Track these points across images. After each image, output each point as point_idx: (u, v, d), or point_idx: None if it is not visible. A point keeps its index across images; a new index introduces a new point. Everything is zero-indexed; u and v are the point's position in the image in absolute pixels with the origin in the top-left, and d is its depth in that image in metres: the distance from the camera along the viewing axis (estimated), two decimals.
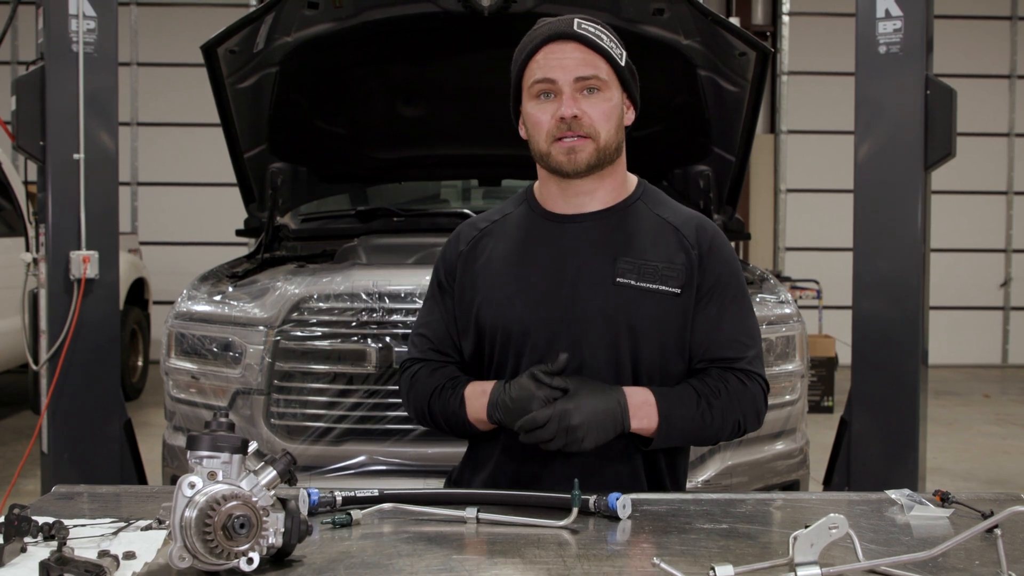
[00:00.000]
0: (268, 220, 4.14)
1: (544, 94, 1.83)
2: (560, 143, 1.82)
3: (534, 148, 1.88)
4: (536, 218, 1.94)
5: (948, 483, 5.41)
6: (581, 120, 1.81)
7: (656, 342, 1.86)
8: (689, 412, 1.82)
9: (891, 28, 3.57)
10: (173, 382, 3.40)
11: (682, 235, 1.90)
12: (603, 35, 1.86)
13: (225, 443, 1.32)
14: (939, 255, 8.76)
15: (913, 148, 3.59)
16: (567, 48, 1.82)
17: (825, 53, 10.47)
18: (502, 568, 1.37)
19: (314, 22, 3.58)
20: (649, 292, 1.84)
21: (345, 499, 1.64)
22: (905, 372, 3.62)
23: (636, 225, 1.90)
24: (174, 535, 1.28)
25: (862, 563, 1.33)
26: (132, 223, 10.49)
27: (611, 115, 1.84)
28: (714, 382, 1.86)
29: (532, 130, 1.86)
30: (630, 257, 1.86)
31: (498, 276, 1.91)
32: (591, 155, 1.83)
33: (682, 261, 1.87)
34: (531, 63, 1.84)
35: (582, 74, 1.81)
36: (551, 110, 1.82)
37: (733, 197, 4.19)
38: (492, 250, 1.94)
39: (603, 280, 1.85)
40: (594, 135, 1.82)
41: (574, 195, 1.90)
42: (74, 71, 3.66)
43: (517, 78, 1.88)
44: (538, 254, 1.90)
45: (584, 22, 1.86)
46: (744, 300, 1.93)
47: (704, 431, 1.86)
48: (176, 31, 10.29)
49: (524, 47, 1.87)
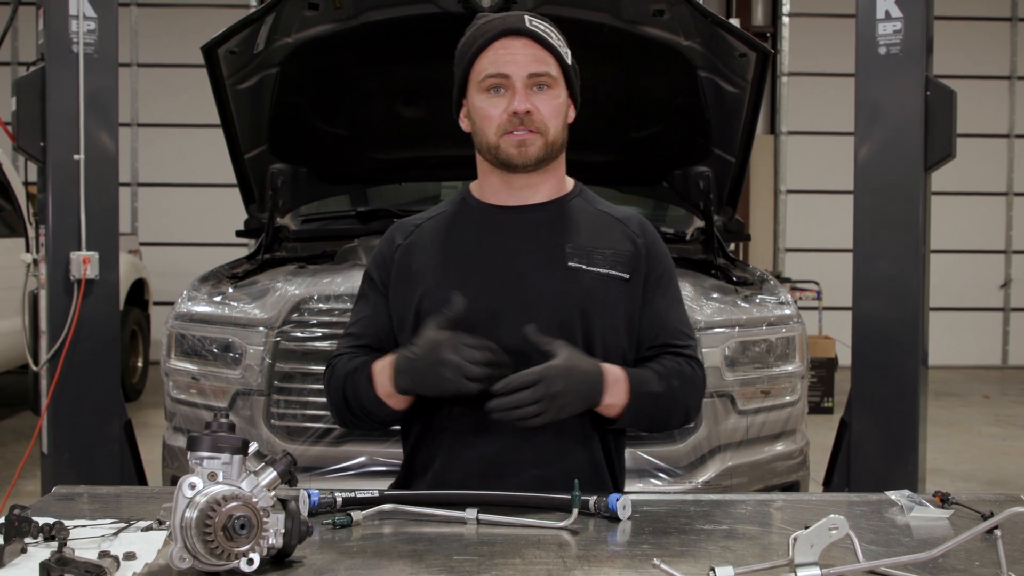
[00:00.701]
0: (268, 221, 4.14)
1: (495, 88, 1.84)
2: (511, 136, 1.83)
3: (481, 141, 1.88)
4: (477, 211, 1.94)
5: (948, 484, 5.40)
6: (533, 116, 1.82)
7: (607, 326, 1.87)
8: (654, 392, 1.84)
9: (891, 29, 3.57)
10: (173, 383, 3.41)
11: (627, 227, 1.95)
12: (552, 33, 1.88)
13: (225, 444, 1.32)
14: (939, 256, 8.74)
15: (913, 149, 3.59)
16: (519, 44, 1.83)
17: (825, 54, 10.47)
18: (502, 569, 1.37)
19: (314, 23, 3.58)
20: (600, 276, 1.87)
21: (345, 500, 1.64)
22: (905, 373, 3.62)
23: (580, 216, 1.94)
24: (174, 536, 1.28)
25: (862, 564, 1.33)
26: (132, 224, 10.50)
27: (559, 112, 1.87)
28: (672, 364, 1.89)
29: (481, 123, 1.86)
30: (578, 244, 1.88)
31: (440, 268, 1.89)
32: (540, 149, 1.84)
33: (629, 249, 1.91)
34: (482, 57, 1.85)
35: (535, 70, 1.83)
36: (502, 104, 1.83)
37: (733, 198, 4.19)
38: (431, 244, 1.92)
39: (554, 265, 1.86)
40: (544, 131, 1.84)
41: (518, 188, 1.91)
42: (74, 72, 3.66)
43: (465, 71, 1.88)
44: (482, 243, 1.90)
45: (535, 19, 1.87)
46: (680, 295, 2.00)
47: (663, 413, 1.88)
48: (176, 32, 10.29)
49: (473, 40, 1.87)
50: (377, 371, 1.82)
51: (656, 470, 3.13)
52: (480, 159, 1.93)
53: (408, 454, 1.96)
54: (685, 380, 1.89)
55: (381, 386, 1.81)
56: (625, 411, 1.81)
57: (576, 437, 1.86)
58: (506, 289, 1.84)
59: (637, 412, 1.83)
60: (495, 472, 1.81)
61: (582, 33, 3.63)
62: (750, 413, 3.28)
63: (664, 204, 4.54)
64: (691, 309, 3.24)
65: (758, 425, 3.29)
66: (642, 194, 4.53)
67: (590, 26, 3.58)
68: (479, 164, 1.95)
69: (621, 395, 1.80)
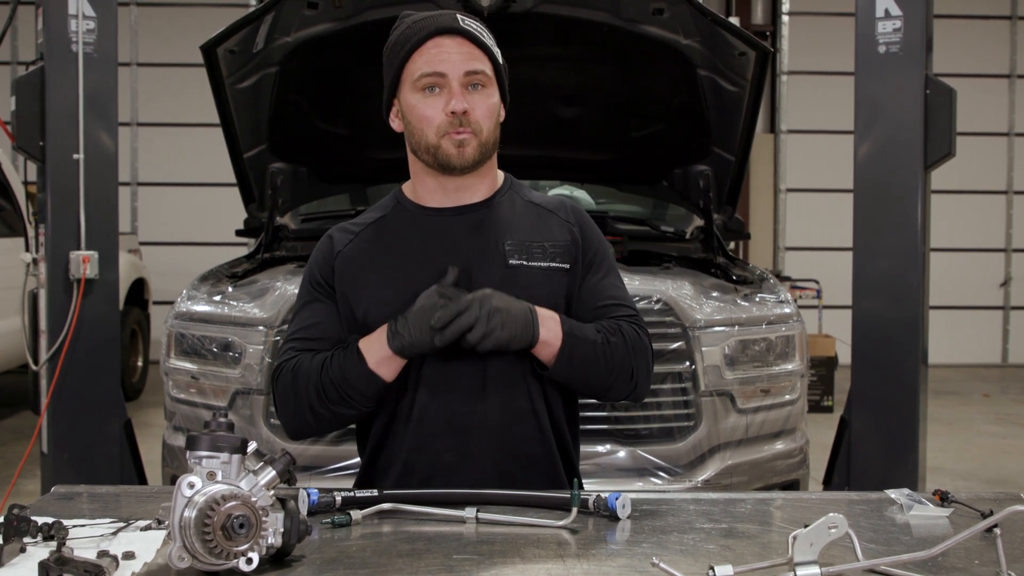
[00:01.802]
0: (268, 220, 4.14)
1: (430, 88, 1.82)
2: (451, 136, 1.82)
3: (419, 141, 1.85)
4: (414, 214, 1.93)
5: (948, 482, 5.41)
6: (469, 115, 1.81)
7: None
8: (590, 338, 1.83)
9: (891, 28, 3.57)
10: (173, 382, 3.41)
11: (558, 216, 1.96)
12: (484, 32, 1.87)
13: (224, 443, 1.32)
14: (939, 255, 8.75)
15: (913, 148, 3.59)
16: (454, 43, 1.82)
17: (825, 53, 10.47)
18: (501, 568, 1.37)
19: (314, 22, 3.58)
20: (541, 270, 1.88)
21: (345, 499, 1.64)
22: (905, 372, 3.62)
23: (514, 212, 1.94)
24: (173, 535, 1.28)
25: (861, 563, 1.33)
26: (132, 223, 10.50)
27: (493, 112, 1.86)
28: (610, 324, 1.88)
29: (418, 123, 1.84)
30: (517, 240, 1.89)
31: (384, 274, 1.89)
32: (475, 150, 1.83)
33: (566, 239, 1.92)
34: (416, 56, 1.83)
35: (470, 68, 1.82)
36: (439, 104, 1.81)
37: (733, 197, 4.19)
38: (372, 251, 1.92)
39: (496, 264, 1.86)
40: (478, 131, 1.83)
41: (454, 190, 1.90)
42: (74, 71, 3.66)
43: (397, 70, 1.86)
44: (424, 248, 1.89)
45: (466, 18, 1.86)
46: (616, 269, 2.00)
47: (602, 368, 1.84)
48: (176, 31, 10.29)
49: (406, 39, 1.84)
50: (365, 345, 1.82)
51: (656, 469, 3.13)
52: (413, 160, 1.92)
53: (369, 457, 1.96)
54: (625, 339, 1.87)
55: (372, 355, 1.80)
56: (560, 354, 1.80)
57: (532, 429, 1.88)
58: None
59: (572, 359, 1.81)
60: (457, 467, 1.83)
61: (582, 32, 3.66)
62: (750, 412, 3.28)
63: (664, 203, 4.54)
64: (691, 308, 3.24)
65: (758, 424, 3.29)
66: (642, 193, 4.53)
67: (590, 25, 3.58)
68: (412, 165, 1.93)
69: (555, 334, 1.80)
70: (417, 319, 1.74)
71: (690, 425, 3.19)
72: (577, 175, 4.42)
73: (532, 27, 3.49)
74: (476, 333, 1.70)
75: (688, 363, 3.20)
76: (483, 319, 1.70)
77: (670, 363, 3.19)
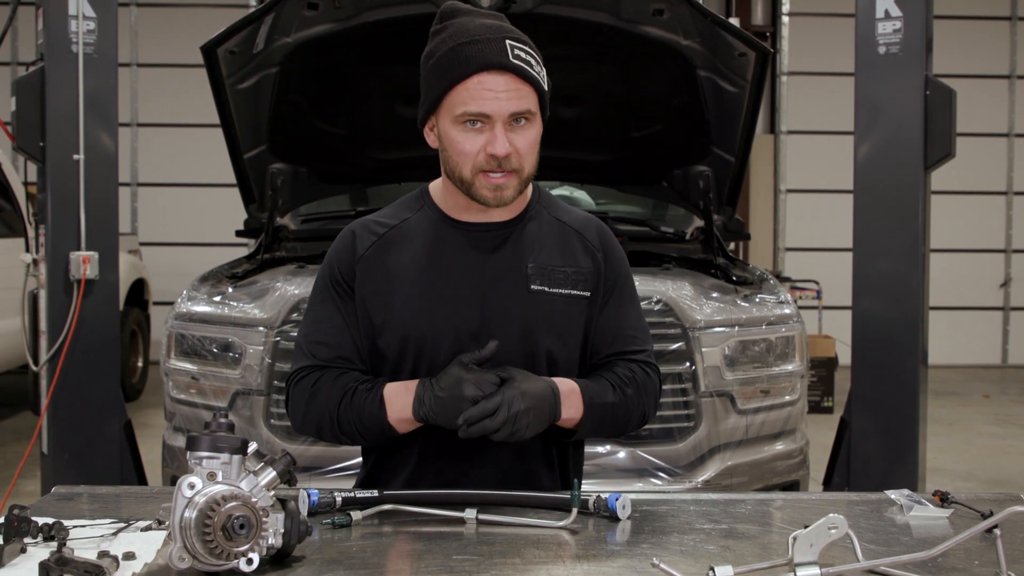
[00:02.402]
0: (268, 221, 4.14)
1: (471, 122, 1.75)
2: (487, 177, 1.76)
3: (453, 171, 1.80)
4: (442, 225, 1.89)
5: (948, 483, 5.40)
6: (511, 157, 1.76)
7: (570, 345, 1.88)
8: (608, 401, 1.85)
9: (891, 28, 3.57)
10: (173, 383, 3.41)
11: (585, 239, 1.93)
12: (532, 59, 1.79)
13: (225, 444, 1.32)
14: (939, 255, 8.75)
15: (913, 148, 3.59)
16: (502, 81, 1.73)
17: (825, 53, 10.47)
18: (502, 569, 1.37)
19: (314, 23, 3.58)
20: (561, 297, 1.86)
21: (345, 500, 1.64)
22: (905, 372, 3.62)
23: (540, 232, 1.91)
24: (174, 535, 1.28)
25: (861, 563, 1.33)
26: (132, 224, 10.50)
27: (535, 145, 1.81)
28: (624, 372, 1.90)
29: (455, 156, 1.78)
30: (540, 264, 1.87)
31: (409, 283, 1.85)
32: (515, 190, 1.79)
33: (589, 266, 1.90)
34: (460, 88, 1.74)
35: (516, 110, 1.75)
36: (480, 142, 1.75)
37: (733, 197, 4.19)
38: (398, 256, 1.87)
39: (517, 287, 1.85)
40: (519, 169, 1.78)
41: (483, 209, 1.86)
42: (74, 72, 3.66)
43: (439, 95, 1.78)
44: (449, 262, 1.86)
45: (516, 46, 1.77)
46: (636, 297, 2.00)
47: (619, 420, 1.89)
48: (176, 32, 10.29)
49: (450, 67, 1.74)
50: (390, 395, 1.80)
51: (656, 469, 3.13)
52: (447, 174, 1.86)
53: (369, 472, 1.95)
54: (639, 386, 1.90)
55: (395, 411, 1.79)
56: (582, 423, 1.83)
57: (540, 459, 1.89)
58: (474, 311, 1.83)
59: (593, 423, 1.85)
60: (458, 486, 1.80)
61: (582, 32, 3.66)
62: (750, 412, 3.28)
63: (664, 203, 4.54)
64: (691, 308, 3.24)
65: (758, 424, 3.29)
66: (642, 193, 4.53)
67: (590, 25, 3.58)
68: (445, 178, 1.88)
69: (576, 408, 1.82)
70: (443, 402, 1.72)
71: (690, 426, 3.19)
72: (577, 175, 4.42)
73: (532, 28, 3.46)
74: (501, 435, 1.70)
75: (688, 364, 3.20)
76: (509, 422, 1.69)
77: (670, 364, 3.19)
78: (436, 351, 1.82)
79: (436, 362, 1.81)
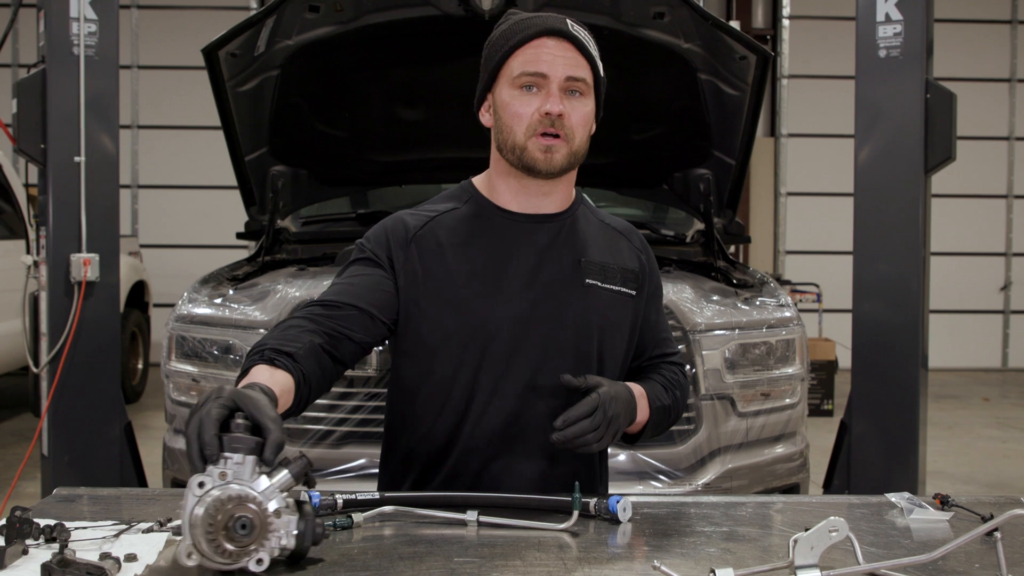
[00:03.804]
0: (269, 223, 4.15)
1: (528, 87, 1.78)
2: (539, 139, 1.77)
3: (507, 139, 1.80)
4: (491, 215, 1.88)
5: (948, 486, 5.40)
6: (564, 119, 1.77)
7: (618, 342, 1.90)
8: (666, 404, 1.93)
9: (891, 32, 3.58)
10: (173, 385, 3.40)
11: (630, 241, 1.98)
12: (591, 41, 1.86)
13: (240, 444, 1.32)
14: (939, 259, 8.76)
15: (913, 152, 3.59)
16: (560, 46, 1.79)
17: (825, 57, 10.48)
18: (503, 571, 1.37)
19: (315, 25, 3.58)
20: (613, 293, 1.88)
21: (346, 502, 1.64)
22: (905, 376, 3.62)
23: (589, 229, 1.92)
24: (183, 532, 1.28)
25: (862, 566, 1.33)
26: (132, 226, 10.50)
27: (587, 121, 1.83)
28: (670, 375, 1.99)
29: (509, 120, 1.79)
30: (592, 259, 1.88)
31: (462, 269, 1.82)
32: (565, 157, 1.80)
33: (635, 267, 1.94)
34: (518, 53, 1.79)
35: (573, 74, 1.79)
36: (535, 103, 1.77)
37: (733, 200, 4.19)
38: (447, 243, 1.84)
39: (572, 281, 1.85)
40: (571, 138, 1.79)
41: (534, 195, 1.86)
42: (75, 74, 3.67)
43: (497, 65, 1.81)
44: (503, 250, 1.84)
45: (576, 24, 1.84)
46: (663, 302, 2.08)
47: (671, 422, 1.98)
48: (177, 34, 10.30)
49: (512, 35, 1.80)
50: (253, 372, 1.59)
51: (656, 472, 3.13)
52: (496, 159, 1.87)
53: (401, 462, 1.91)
54: (682, 389, 2.00)
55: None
56: (647, 425, 1.89)
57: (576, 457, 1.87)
58: (527, 302, 1.82)
59: (654, 425, 1.91)
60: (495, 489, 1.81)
61: None
62: (750, 415, 3.28)
63: (664, 207, 4.54)
64: (691, 311, 3.24)
65: (758, 427, 3.29)
66: (642, 196, 4.53)
67: (590, 28, 3.58)
68: (495, 164, 1.88)
69: (645, 411, 1.88)
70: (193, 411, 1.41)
71: (690, 428, 3.19)
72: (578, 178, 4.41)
73: None
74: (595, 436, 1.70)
75: (688, 367, 3.20)
76: (605, 423, 1.71)
77: None
78: (489, 339, 1.79)
79: (489, 350, 1.79)
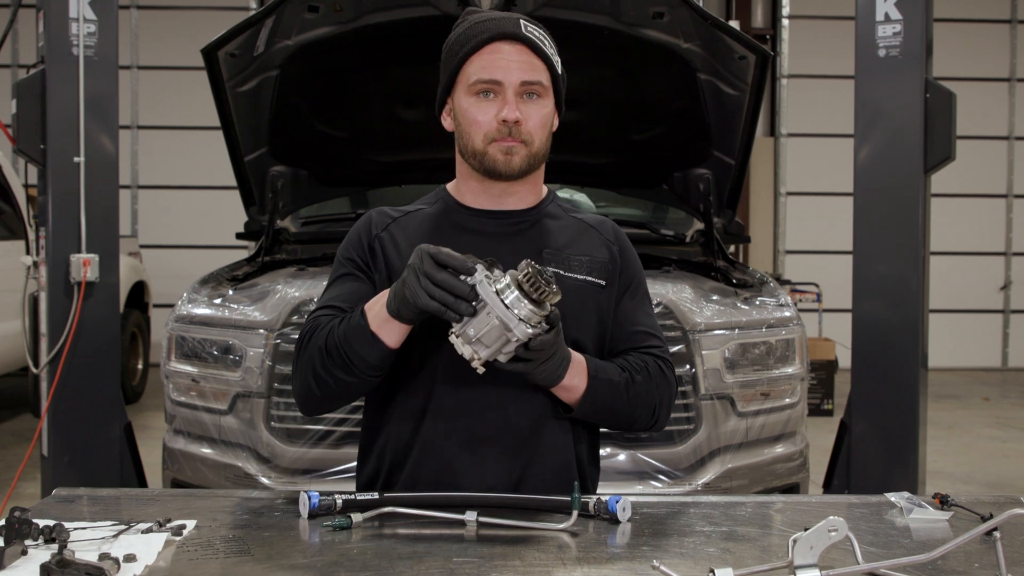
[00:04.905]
0: (268, 223, 4.14)
1: (484, 93, 1.80)
2: (498, 143, 1.80)
3: (466, 144, 1.84)
4: (456, 211, 1.92)
5: (948, 486, 5.40)
6: (521, 126, 1.79)
7: (584, 332, 1.87)
8: (613, 379, 1.82)
9: (891, 31, 3.58)
10: (173, 385, 3.41)
11: (600, 233, 1.97)
12: (546, 41, 1.85)
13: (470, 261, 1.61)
14: (939, 258, 8.76)
15: (913, 151, 3.59)
16: (514, 50, 1.80)
17: (825, 56, 10.48)
18: (502, 571, 1.37)
19: (314, 25, 3.58)
20: (578, 283, 1.87)
21: (345, 502, 1.65)
22: (905, 375, 3.62)
23: (556, 223, 1.94)
24: (505, 324, 1.55)
25: (861, 566, 1.33)
26: (132, 226, 10.50)
27: (546, 123, 1.85)
28: (636, 360, 1.88)
29: (468, 127, 1.83)
30: (555, 248, 1.89)
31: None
32: (524, 159, 1.82)
33: (605, 256, 1.93)
34: (473, 59, 1.81)
35: (527, 79, 1.79)
36: (492, 110, 1.79)
37: (733, 200, 4.19)
38: (411, 238, 1.87)
39: None
40: (529, 141, 1.81)
41: (497, 195, 1.89)
42: (75, 74, 3.67)
43: (454, 71, 1.84)
44: (461, 244, 1.80)
45: (529, 24, 1.84)
46: (650, 299, 2.01)
47: (625, 406, 1.84)
48: (176, 35, 10.30)
49: (465, 40, 1.82)
50: (369, 306, 1.74)
51: (656, 472, 3.13)
52: (460, 162, 1.91)
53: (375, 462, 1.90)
54: (650, 376, 1.87)
55: (375, 316, 1.71)
56: (583, 398, 1.79)
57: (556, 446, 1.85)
58: None
59: (595, 401, 1.80)
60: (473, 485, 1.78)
61: (582, 36, 3.66)
62: (750, 415, 3.28)
63: (664, 206, 4.54)
64: (691, 311, 3.24)
65: (758, 427, 3.29)
66: (642, 196, 4.53)
67: (590, 29, 3.59)
68: (459, 166, 1.93)
69: (581, 377, 1.78)
70: (407, 281, 1.64)
71: (690, 428, 3.19)
72: (577, 179, 4.43)
73: None
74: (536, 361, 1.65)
75: (688, 366, 3.20)
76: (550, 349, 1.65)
77: None
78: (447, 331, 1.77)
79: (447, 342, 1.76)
